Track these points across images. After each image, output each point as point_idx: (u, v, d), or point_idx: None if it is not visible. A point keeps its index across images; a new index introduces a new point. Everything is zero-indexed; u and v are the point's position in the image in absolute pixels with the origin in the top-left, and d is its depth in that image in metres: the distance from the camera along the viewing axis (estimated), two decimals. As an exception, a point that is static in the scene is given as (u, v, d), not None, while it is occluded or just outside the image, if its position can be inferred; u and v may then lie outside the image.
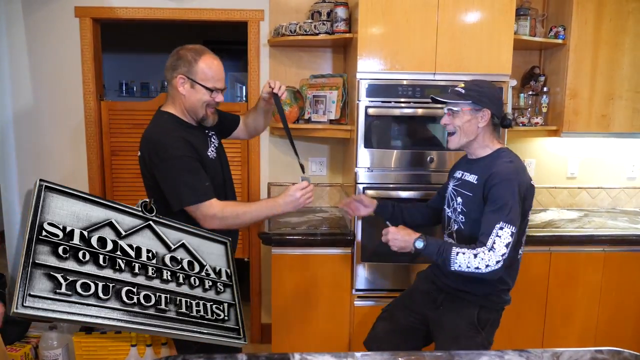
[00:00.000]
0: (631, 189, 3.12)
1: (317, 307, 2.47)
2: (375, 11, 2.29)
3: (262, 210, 1.73)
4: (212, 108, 1.77)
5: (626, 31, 2.65)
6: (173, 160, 1.64)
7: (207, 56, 1.72)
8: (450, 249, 1.64)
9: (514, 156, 1.77)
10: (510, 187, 1.63)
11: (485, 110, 1.73)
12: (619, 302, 2.58)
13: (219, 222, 1.67)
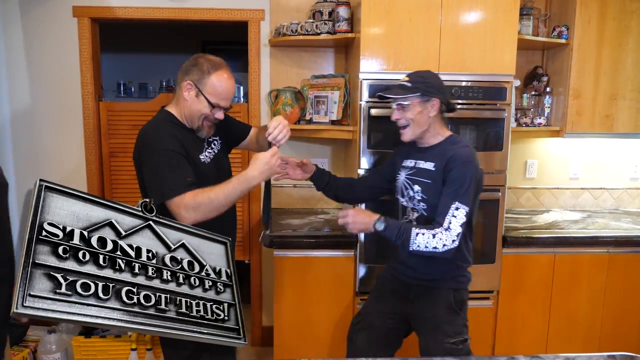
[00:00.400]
0: (634, 189, 3.11)
1: (319, 310, 2.44)
2: (378, 11, 2.27)
3: (236, 187, 1.62)
4: (209, 122, 1.74)
5: (630, 31, 2.63)
6: (158, 154, 1.63)
7: (222, 72, 1.69)
8: (410, 229, 1.68)
9: (467, 142, 1.86)
10: (468, 170, 1.71)
11: (434, 100, 1.78)
12: (623, 304, 2.57)
13: (194, 212, 1.58)
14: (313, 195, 2.97)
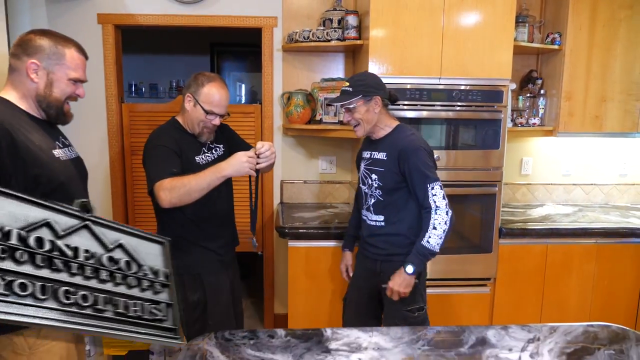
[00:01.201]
0: (623, 185, 3.31)
1: (330, 297, 2.64)
2: (385, 20, 2.46)
3: (207, 175, 1.78)
4: (208, 128, 1.97)
5: (618, 37, 2.83)
6: (153, 149, 1.89)
7: (215, 84, 1.94)
8: (421, 244, 1.90)
9: (412, 129, 2.06)
10: (421, 154, 1.93)
11: (375, 98, 1.98)
12: (610, 291, 2.77)
13: (169, 193, 1.74)
14: (322, 190, 3.17)
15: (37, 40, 1.45)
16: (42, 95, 1.47)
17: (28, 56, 1.43)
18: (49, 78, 1.46)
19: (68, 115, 1.56)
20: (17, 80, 1.46)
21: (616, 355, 1.34)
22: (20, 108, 1.45)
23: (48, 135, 1.50)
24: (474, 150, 2.60)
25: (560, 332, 1.46)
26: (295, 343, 1.37)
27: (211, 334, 1.41)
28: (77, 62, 1.51)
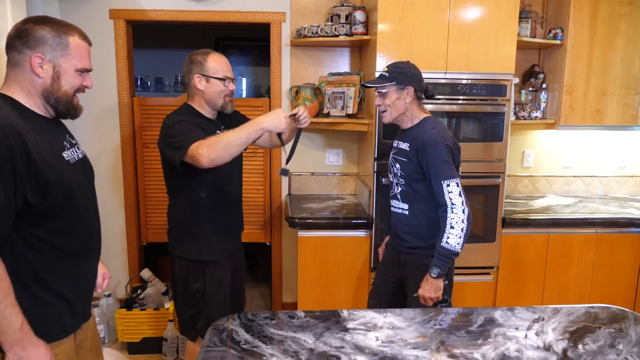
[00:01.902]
0: (622, 177, 3.40)
1: (339, 285, 2.73)
2: (392, 16, 2.53)
3: (245, 127, 1.78)
4: (228, 96, 2.03)
5: (618, 33, 2.90)
6: (175, 126, 1.88)
7: (214, 54, 2.02)
8: (441, 246, 1.92)
9: (437, 122, 2.06)
10: (438, 149, 1.93)
11: (408, 88, 2.01)
12: (609, 279, 2.87)
13: (207, 150, 1.72)
14: (329, 182, 3.26)
15: (37, 31, 1.29)
16: (49, 91, 1.33)
17: (30, 49, 1.29)
18: (55, 71, 1.33)
19: (78, 109, 1.44)
20: (20, 76, 1.31)
21: (616, 333, 1.42)
22: (26, 107, 1.33)
23: (56, 136, 1.40)
24: (478, 143, 2.68)
25: (563, 312, 1.54)
26: (315, 323, 1.45)
27: (234, 315, 1.49)
28: (82, 50, 1.38)
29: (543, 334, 1.41)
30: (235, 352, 1.28)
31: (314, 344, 1.33)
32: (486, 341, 1.37)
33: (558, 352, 1.31)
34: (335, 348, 1.31)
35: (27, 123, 1.27)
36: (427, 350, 1.31)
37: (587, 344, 1.36)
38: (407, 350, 1.31)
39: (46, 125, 1.36)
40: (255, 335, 1.38)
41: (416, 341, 1.36)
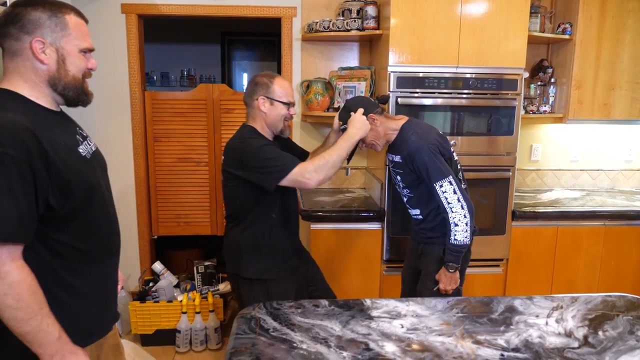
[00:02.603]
0: (628, 170, 3.44)
1: (350, 276, 2.77)
2: (405, 11, 2.55)
3: (342, 145, 1.92)
4: (287, 121, 2.06)
5: (627, 28, 2.93)
6: (260, 151, 1.91)
7: (279, 78, 2.05)
8: (451, 244, 1.99)
9: (415, 125, 2.08)
10: (422, 153, 1.97)
11: (369, 117, 2.03)
12: (617, 271, 2.91)
13: (316, 174, 1.84)
14: (339, 176, 3.28)
15: (31, 13, 1.18)
16: (56, 77, 1.22)
17: (29, 34, 1.17)
18: (59, 55, 1.21)
19: (89, 94, 1.32)
20: (21, 66, 1.20)
21: (634, 320, 1.46)
22: (33, 102, 1.22)
23: (68, 130, 1.30)
24: (489, 137, 2.71)
25: (581, 301, 1.58)
26: (340, 311, 1.49)
27: (260, 304, 1.53)
28: (82, 29, 1.26)
29: (563, 321, 1.45)
30: (265, 339, 1.32)
31: (341, 331, 1.36)
32: (508, 328, 1.40)
33: (579, 338, 1.35)
34: (362, 335, 1.35)
35: (38, 120, 1.17)
36: (452, 337, 1.34)
37: (607, 330, 1.40)
38: (432, 336, 1.35)
39: (57, 120, 1.26)
40: (282, 323, 1.41)
41: (440, 328, 1.40)
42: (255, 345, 1.28)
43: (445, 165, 1.98)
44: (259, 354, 1.24)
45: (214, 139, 3.24)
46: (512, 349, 1.29)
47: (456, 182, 1.96)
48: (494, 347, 1.30)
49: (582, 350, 1.29)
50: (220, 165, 3.24)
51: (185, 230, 3.38)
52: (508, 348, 1.29)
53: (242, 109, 3.22)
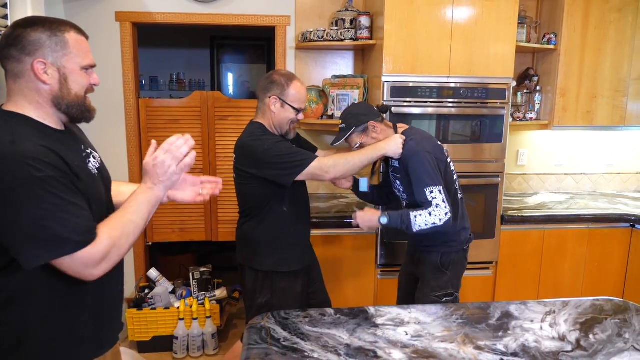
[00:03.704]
0: (609, 174, 3.58)
1: (346, 280, 2.84)
2: (398, 23, 2.62)
3: (368, 151, 2.00)
4: (293, 124, 2.11)
5: (608, 39, 3.06)
6: (274, 147, 1.97)
7: (297, 82, 2.07)
8: (409, 214, 2.00)
9: (414, 132, 2.13)
10: (418, 158, 2.01)
11: (368, 124, 2.09)
12: (600, 272, 3.03)
13: (334, 169, 1.93)
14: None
15: (31, 34, 1.19)
16: (59, 97, 1.24)
17: (30, 55, 1.19)
18: (61, 74, 1.22)
19: (92, 110, 1.34)
20: (25, 88, 1.21)
21: (621, 323, 1.56)
22: (41, 123, 1.23)
23: (75, 149, 1.31)
24: (478, 144, 2.80)
25: (571, 305, 1.67)
26: (346, 320, 1.55)
27: (268, 313, 1.58)
28: (82, 46, 1.26)
29: (556, 326, 1.53)
30: (277, 348, 1.37)
31: (349, 340, 1.42)
32: (506, 333, 1.48)
33: (572, 342, 1.44)
34: (369, 343, 1.41)
35: (51, 142, 1.19)
36: (455, 343, 1.42)
37: (597, 334, 1.49)
38: (436, 343, 1.42)
39: (64, 140, 1.27)
40: (292, 332, 1.46)
41: (442, 335, 1.47)
42: (269, 356, 1.33)
43: (437, 175, 2.02)
44: (274, 363, 1.29)
45: (208, 146, 3.27)
46: (511, 353, 1.37)
47: (445, 195, 2.00)
48: (494, 352, 1.38)
49: (576, 354, 1.38)
50: (215, 171, 3.29)
51: (181, 236, 3.40)
52: (507, 353, 1.37)
53: (237, 116, 3.28)
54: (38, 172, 1.10)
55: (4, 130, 1.15)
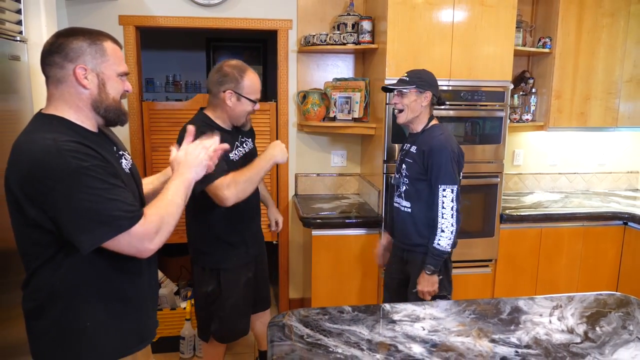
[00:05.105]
0: (601, 173, 3.70)
1: (350, 280, 2.89)
2: (401, 28, 2.69)
3: (260, 164, 1.98)
4: (250, 116, 2.12)
5: (601, 43, 3.16)
6: None
7: (250, 72, 2.05)
8: (434, 247, 2.11)
9: (445, 129, 2.21)
10: (444, 154, 2.08)
11: (427, 92, 2.15)
12: (595, 269, 3.14)
13: (234, 189, 1.88)
14: (334, 183, 3.41)
15: (73, 42, 1.27)
16: (98, 101, 1.30)
17: (72, 62, 1.26)
18: (100, 80, 1.30)
19: (126, 114, 1.42)
20: (66, 93, 1.28)
21: (624, 316, 1.64)
22: (79, 126, 1.30)
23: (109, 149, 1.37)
24: (479, 145, 2.88)
25: (576, 300, 1.75)
26: (364, 317, 1.60)
27: (288, 312, 1.63)
28: (118, 54, 1.35)
29: (564, 319, 1.61)
30: (302, 345, 1.42)
31: (369, 335, 1.48)
32: (518, 327, 1.55)
33: (580, 334, 1.51)
34: (389, 338, 1.47)
35: (87, 140, 1.26)
36: (470, 337, 1.48)
37: (603, 326, 1.57)
38: (452, 337, 1.48)
39: (99, 141, 1.33)
40: (314, 329, 1.51)
41: (458, 329, 1.53)
42: (295, 352, 1.38)
43: (456, 175, 2.11)
44: (301, 359, 1.34)
45: (211, 148, 3.30)
46: (524, 345, 1.44)
47: (457, 195, 2.09)
48: (508, 345, 1.44)
49: (585, 345, 1.45)
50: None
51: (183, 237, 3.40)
52: (521, 345, 1.44)
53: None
54: (83, 162, 1.18)
55: (45, 130, 1.24)
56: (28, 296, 1.31)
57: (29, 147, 1.20)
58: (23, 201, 1.20)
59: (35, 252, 1.26)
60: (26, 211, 1.20)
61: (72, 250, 1.23)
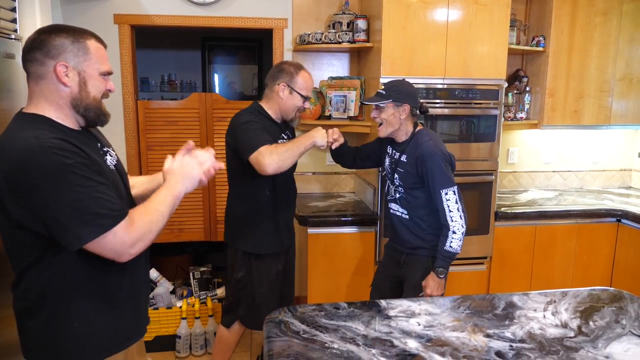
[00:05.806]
0: (595, 171, 3.73)
1: (346, 278, 2.90)
2: (396, 27, 2.70)
3: (300, 140, 2.07)
4: (300, 112, 2.23)
5: (594, 41, 3.19)
6: (246, 124, 2.08)
7: (305, 71, 2.19)
8: (445, 250, 2.11)
9: (431, 134, 2.21)
10: (436, 159, 2.10)
11: (404, 105, 2.14)
12: (588, 265, 3.16)
13: (269, 157, 1.94)
14: (329, 181, 3.41)
15: (55, 39, 1.24)
16: (78, 99, 1.28)
17: (53, 59, 1.24)
18: (81, 78, 1.27)
19: (107, 114, 1.39)
20: (46, 89, 1.26)
21: (617, 311, 1.66)
22: (60, 124, 1.28)
23: (92, 146, 1.35)
24: (473, 143, 2.90)
25: (570, 295, 1.77)
26: (360, 313, 1.61)
27: (284, 308, 1.64)
28: (102, 53, 1.33)
29: (558, 314, 1.62)
30: (298, 340, 1.43)
31: (365, 331, 1.49)
32: (512, 322, 1.57)
33: (574, 329, 1.53)
34: (385, 333, 1.48)
35: (70, 137, 1.24)
36: (465, 332, 1.49)
37: (596, 320, 1.58)
38: (447, 332, 1.49)
39: (82, 139, 1.31)
40: (310, 325, 1.52)
41: (453, 324, 1.54)
42: (291, 347, 1.39)
43: (452, 176, 2.12)
44: (297, 354, 1.35)
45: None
46: (518, 340, 1.45)
47: (459, 194, 2.10)
48: (502, 339, 1.46)
49: (578, 339, 1.46)
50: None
51: (179, 237, 3.43)
52: (515, 340, 1.45)
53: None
54: (67, 159, 1.17)
55: (27, 129, 1.21)
56: (18, 297, 1.30)
57: (11, 146, 1.17)
58: (7, 201, 1.18)
59: (22, 253, 1.25)
60: (10, 212, 1.18)
61: (59, 251, 1.22)
